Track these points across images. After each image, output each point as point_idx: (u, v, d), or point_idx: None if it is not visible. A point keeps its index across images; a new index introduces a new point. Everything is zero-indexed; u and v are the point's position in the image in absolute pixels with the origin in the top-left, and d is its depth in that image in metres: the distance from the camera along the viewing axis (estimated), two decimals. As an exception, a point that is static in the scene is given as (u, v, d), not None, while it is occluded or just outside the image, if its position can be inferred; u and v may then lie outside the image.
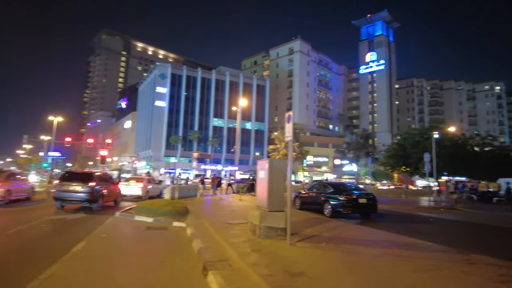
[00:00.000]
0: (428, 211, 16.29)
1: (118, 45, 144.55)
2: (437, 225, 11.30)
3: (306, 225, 8.85)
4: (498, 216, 14.63)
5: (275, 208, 6.62)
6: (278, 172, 6.66)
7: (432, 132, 37.93)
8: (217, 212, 11.63)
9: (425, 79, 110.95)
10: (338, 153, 57.60)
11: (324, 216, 11.97)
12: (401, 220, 12.45)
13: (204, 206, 14.25)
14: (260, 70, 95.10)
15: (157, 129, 67.19)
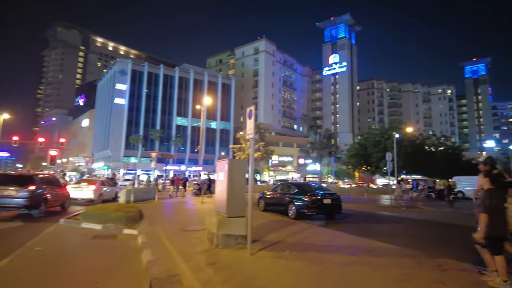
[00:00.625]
0: (390, 210, 16.45)
1: (75, 39, 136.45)
2: (400, 225, 11.25)
3: (270, 229, 8.29)
4: (454, 214, 15.03)
5: (235, 213, 5.98)
6: (239, 173, 6.03)
7: (392, 132, 39.25)
8: (175, 217, 10.77)
9: (384, 81, 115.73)
10: (302, 153, 58.01)
11: (288, 218, 11.52)
12: (366, 220, 12.30)
13: (161, 210, 13.28)
14: (226, 69, 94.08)
15: (116, 128, 64.00)
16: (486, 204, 4.14)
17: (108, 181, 19.99)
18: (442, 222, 12.01)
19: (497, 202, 4.16)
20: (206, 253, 5.68)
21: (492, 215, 4.11)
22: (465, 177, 25.03)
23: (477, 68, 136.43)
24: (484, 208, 4.14)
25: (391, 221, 12.26)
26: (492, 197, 4.15)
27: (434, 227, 11.02)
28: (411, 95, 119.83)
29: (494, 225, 4.09)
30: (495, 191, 4.24)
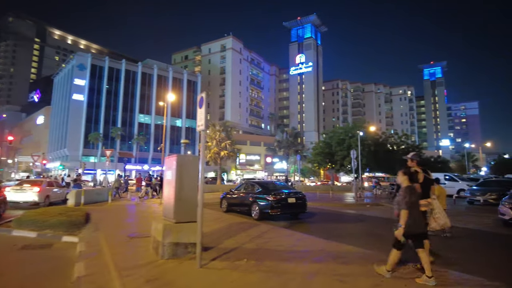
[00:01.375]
0: (354, 208, 16.27)
1: (30, 30, 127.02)
2: (365, 224, 10.91)
3: (228, 233, 7.55)
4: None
5: (185, 218, 5.17)
6: (190, 171, 5.22)
7: (356, 131, 39.95)
8: (124, 222, 9.71)
9: (349, 81, 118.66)
10: (269, 151, 57.89)
11: (251, 219, 10.85)
12: (331, 219, 11.89)
13: (113, 214, 12.07)
14: (192, 66, 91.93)
15: (74, 125, 60.18)
16: (407, 201, 4.18)
17: (57, 182, 18.25)
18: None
19: (415, 199, 4.25)
20: (148, 266, 4.82)
21: (413, 211, 4.18)
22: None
23: (434, 71, 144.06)
24: (405, 205, 4.18)
25: (356, 219, 11.93)
26: (412, 194, 4.23)
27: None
28: (374, 95, 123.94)
29: (416, 221, 4.18)
30: (413, 189, 4.32)
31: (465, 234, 8.77)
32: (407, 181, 4.37)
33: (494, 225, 10.37)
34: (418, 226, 4.23)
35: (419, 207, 4.36)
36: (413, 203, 4.21)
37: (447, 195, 21.30)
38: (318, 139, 76.42)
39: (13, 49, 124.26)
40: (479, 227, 10.06)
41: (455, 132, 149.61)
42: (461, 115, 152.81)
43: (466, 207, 16.26)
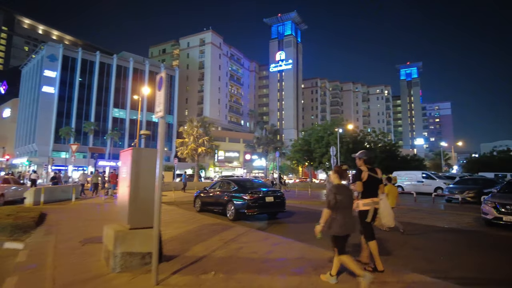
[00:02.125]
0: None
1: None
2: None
3: (199, 236, 6.75)
4: (396, 210, 14.78)
5: (141, 222, 4.34)
6: (147, 167, 4.39)
7: (335, 128, 39.88)
8: (84, 224, 8.68)
9: (327, 80, 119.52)
10: (248, 148, 57.19)
11: (227, 219, 10.08)
12: (310, 218, 11.27)
13: (73, 214, 10.92)
14: (169, 60, 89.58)
15: (44, 119, 57.16)
16: (329, 200, 3.95)
17: (15, 179, 16.77)
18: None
19: (342, 199, 3.94)
20: (94, 281, 3.96)
21: (337, 212, 3.93)
22: (404, 172, 25.76)
23: (411, 71, 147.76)
24: (328, 203, 3.96)
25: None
26: (338, 193, 3.95)
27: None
28: (352, 94, 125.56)
29: (337, 222, 3.92)
30: (341, 188, 4.05)
31: (452, 235, 8.35)
32: (337, 179, 4.13)
33: (477, 225, 10.06)
34: (344, 227, 3.93)
35: (349, 208, 4.06)
36: (339, 203, 3.92)
37: (425, 193, 21.38)
38: (297, 137, 76.44)
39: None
40: (462, 227, 9.71)
41: (429, 131, 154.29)
42: (435, 115, 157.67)
43: (445, 205, 16.13)
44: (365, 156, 4.89)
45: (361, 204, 4.64)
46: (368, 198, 4.64)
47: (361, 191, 4.64)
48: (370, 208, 4.62)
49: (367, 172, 4.67)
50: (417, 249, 6.66)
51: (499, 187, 12.36)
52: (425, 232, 8.77)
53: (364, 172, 4.67)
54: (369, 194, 4.65)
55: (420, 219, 11.28)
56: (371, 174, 4.69)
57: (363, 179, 4.63)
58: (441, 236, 8.19)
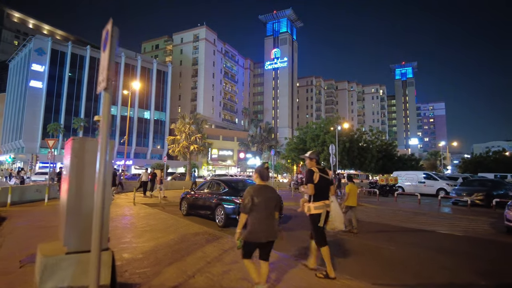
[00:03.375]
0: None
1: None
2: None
3: (176, 253, 5.46)
4: (403, 213, 13.68)
5: (83, 244, 3.05)
6: (95, 163, 3.10)
7: (331, 127, 38.78)
8: (40, 232, 7.27)
9: (322, 79, 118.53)
10: (242, 147, 55.82)
11: (215, 226, 8.82)
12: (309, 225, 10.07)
13: (36, 219, 9.47)
14: (162, 56, 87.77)
15: (31, 115, 55.30)
16: (245, 203, 3.56)
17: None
18: (398, 226, 10.26)
19: (260, 201, 3.54)
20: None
21: (254, 216, 3.55)
22: (404, 172, 24.73)
23: (406, 71, 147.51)
24: (243, 207, 3.57)
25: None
26: (255, 195, 3.55)
27: (390, 234, 9.16)
28: (347, 93, 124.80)
29: (249, 227, 3.56)
30: (261, 189, 3.63)
31: (472, 246, 7.17)
32: (258, 180, 3.73)
33: (496, 232, 8.92)
34: (255, 233, 3.52)
35: (268, 212, 3.61)
36: (256, 206, 3.52)
37: (426, 195, 20.34)
38: (292, 135, 75.43)
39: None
40: (480, 235, 8.55)
41: (423, 131, 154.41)
42: (429, 115, 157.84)
43: (452, 208, 15.02)
44: (317, 156, 4.70)
45: (313, 207, 4.41)
46: (319, 200, 4.42)
47: (313, 194, 4.39)
48: (323, 211, 4.40)
49: (318, 173, 4.45)
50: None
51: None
52: (438, 240, 7.59)
53: (316, 173, 4.43)
54: (321, 197, 4.44)
55: (431, 225, 10.13)
56: (322, 175, 4.48)
57: (315, 181, 4.40)
58: (461, 248, 7.00)
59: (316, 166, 4.57)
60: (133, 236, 6.73)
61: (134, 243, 6.10)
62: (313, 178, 4.41)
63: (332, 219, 4.52)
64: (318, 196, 4.43)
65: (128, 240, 6.33)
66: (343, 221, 4.65)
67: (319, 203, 4.41)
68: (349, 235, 8.12)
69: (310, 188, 4.40)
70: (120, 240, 6.35)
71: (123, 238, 6.57)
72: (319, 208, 4.40)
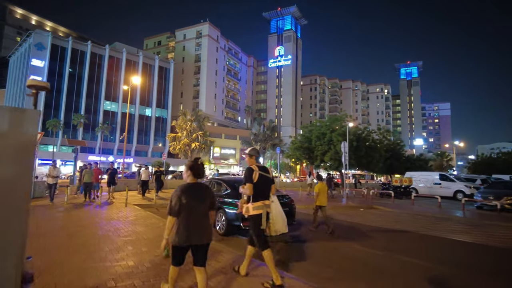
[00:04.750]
0: (347, 213, 13.23)
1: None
2: (377, 241, 7.82)
3: (155, 278, 4.13)
4: (422, 218, 12.30)
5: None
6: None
7: (338, 125, 37.26)
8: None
9: (326, 77, 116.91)
10: (245, 145, 54.33)
11: (215, 233, 7.48)
12: (324, 234, 8.72)
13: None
14: (164, 52, 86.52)
15: (30, 110, 54.12)
16: (172, 205, 3.17)
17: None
18: (423, 234, 8.87)
19: (189, 202, 3.18)
20: None
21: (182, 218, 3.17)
22: (418, 173, 23.30)
23: (411, 71, 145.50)
24: (169, 209, 3.18)
25: (360, 233, 8.79)
26: (184, 195, 3.17)
27: (425, 243, 7.79)
28: (351, 92, 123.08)
29: (178, 230, 3.16)
30: (190, 188, 3.26)
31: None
32: (191, 177, 3.32)
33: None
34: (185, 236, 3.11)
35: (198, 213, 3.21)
36: (184, 207, 3.14)
37: (442, 197, 18.89)
38: (295, 134, 74.00)
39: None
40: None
41: (428, 131, 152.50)
42: (434, 115, 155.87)
43: (479, 213, 13.56)
44: (256, 153, 4.44)
45: (251, 208, 4.16)
46: (258, 201, 4.17)
47: (251, 194, 4.15)
48: (263, 212, 4.15)
49: (258, 172, 4.22)
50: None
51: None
52: (476, 253, 6.20)
53: (256, 172, 4.21)
54: (260, 197, 4.20)
55: (460, 233, 8.73)
56: (262, 174, 4.26)
57: (254, 180, 4.17)
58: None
59: (256, 164, 4.30)
60: (111, 250, 5.38)
61: (108, 260, 4.77)
62: (252, 177, 4.13)
63: (273, 221, 4.21)
64: (258, 196, 4.16)
65: (103, 256, 4.99)
66: (285, 223, 4.32)
67: (258, 203, 4.14)
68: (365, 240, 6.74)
69: (248, 188, 4.11)
70: (92, 255, 5.02)
71: (97, 252, 5.24)
72: (258, 208, 4.12)
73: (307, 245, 6.91)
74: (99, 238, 6.25)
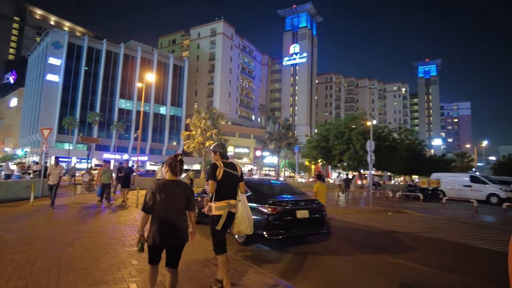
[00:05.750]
0: (375, 218, 12.09)
1: (8, 8, 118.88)
2: (423, 253, 6.73)
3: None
4: (460, 224, 11.08)
5: None
6: None
7: (357, 123, 35.86)
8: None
9: (342, 76, 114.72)
10: (259, 144, 53.30)
11: (233, 241, 6.55)
12: (360, 243, 7.65)
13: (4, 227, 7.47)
14: (179, 51, 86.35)
15: (48, 108, 54.72)
16: (146, 201, 3.01)
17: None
18: (480, 248, 7.73)
19: (163, 199, 2.98)
20: None
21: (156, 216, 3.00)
22: (446, 174, 21.85)
23: (429, 69, 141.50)
24: (143, 205, 3.03)
25: (397, 243, 7.66)
26: (158, 192, 3.00)
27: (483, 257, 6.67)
28: (368, 91, 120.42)
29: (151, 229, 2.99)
30: (166, 185, 3.07)
31: None
32: (168, 174, 3.17)
33: None
34: (159, 236, 2.95)
35: (173, 211, 3.02)
36: (159, 204, 2.97)
37: (477, 200, 17.48)
38: (310, 133, 72.64)
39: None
40: None
41: (447, 131, 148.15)
42: (453, 115, 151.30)
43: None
44: (221, 149, 4.11)
45: (214, 207, 3.84)
46: (222, 200, 3.83)
47: (212, 192, 3.83)
48: (224, 213, 3.79)
49: (222, 168, 3.88)
50: None
51: None
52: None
53: (220, 168, 3.87)
54: (224, 196, 3.85)
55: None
56: (227, 171, 3.91)
57: (218, 177, 3.82)
58: None
59: (221, 161, 4.02)
60: (111, 266, 4.42)
61: (105, 282, 3.84)
62: (216, 174, 3.84)
63: (238, 221, 3.95)
64: (221, 194, 3.88)
65: (98, 276, 4.01)
66: (251, 224, 4.05)
67: (221, 202, 3.86)
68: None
69: (210, 186, 3.82)
70: (86, 275, 4.01)
71: (93, 269, 4.25)
72: (220, 209, 3.84)
73: (338, 258, 5.90)
74: (99, 249, 5.38)
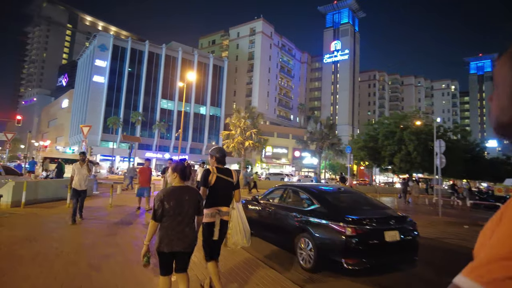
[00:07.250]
0: (448, 230, 10.17)
1: (62, 16, 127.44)
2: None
3: None
4: None
5: None
6: None
7: (408, 121, 33.11)
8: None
9: (386, 73, 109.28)
10: (298, 144, 51.37)
11: (295, 264, 5.19)
12: (456, 268, 6.01)
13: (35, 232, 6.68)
14: (218, 51, 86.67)
15: (94, 108, 57.06)
16: (155, 209, 2.97)
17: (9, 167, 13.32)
18: None
19: (172, 206, 2.98)
20: None
21: (165, 223, 2.98)
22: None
23: (483, 64, 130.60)
24: (153, 213, 2.98)
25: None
26: (166, 199, 2.98)
27: None
28: (414, 89, 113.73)
29: (160, 235, 2.96)
30: (174, 191, 3.06)
31: None
32: (177, 180, 3.17)
33: None
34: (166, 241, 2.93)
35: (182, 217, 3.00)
36: (167, 211, 2.95)
37: None
38: (352, 133, 69.51)
39: (46, 34, 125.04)
40: None
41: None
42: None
43: None
44: (217, 153, 3.90)
45: (204, 214, 3.57)
46: (212, 207, 3.68)
47: (204, 198, 3.61)
48: (216, 221, 3.64)
49: (216, 174, 3.74)
50: None
51: None
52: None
53: (213, 174, 3.73)
54: (215, 203, 3.70)
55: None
56: (220, 177, 3.76)
57: (210, 183, 3.71)
58: None
59: (217, 166, 3.84)
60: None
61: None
62: (208, 180, 3.68)
63: (231, 231, 3.74)
64: (212, 201, 3.68)
65: None
66: (247, 235, 3.79)
67: (211, 209, 3.65)
68: None
69: (201, 192, 3.58)
70: None
71: None
72: (209, 216, 3.62)
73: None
74: (128, 273, 4.28)
